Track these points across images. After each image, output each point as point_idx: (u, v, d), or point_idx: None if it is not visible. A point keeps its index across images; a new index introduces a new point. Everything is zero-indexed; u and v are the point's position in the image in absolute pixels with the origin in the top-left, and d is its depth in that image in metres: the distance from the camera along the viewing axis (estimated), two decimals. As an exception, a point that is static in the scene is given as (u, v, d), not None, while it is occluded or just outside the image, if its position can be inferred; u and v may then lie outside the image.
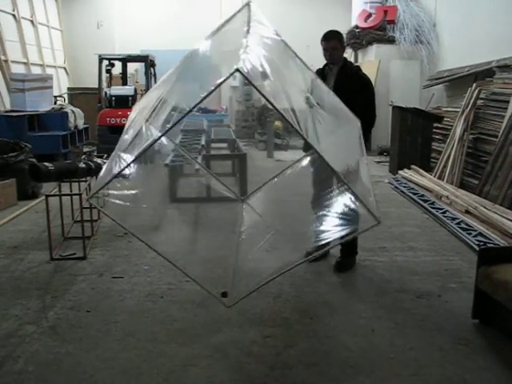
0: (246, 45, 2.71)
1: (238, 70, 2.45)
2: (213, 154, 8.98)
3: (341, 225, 3.65)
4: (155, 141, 2.84)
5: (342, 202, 3.57)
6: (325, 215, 3.93)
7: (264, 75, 2.90)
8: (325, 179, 4.16)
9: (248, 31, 2.92)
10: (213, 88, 2.63)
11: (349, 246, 4.61)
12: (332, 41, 4.30)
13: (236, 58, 2.57)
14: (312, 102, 3.31)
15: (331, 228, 3.80)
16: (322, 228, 3.66)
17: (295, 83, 3.43)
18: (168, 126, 3.01)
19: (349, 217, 3.68)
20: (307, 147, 4.52)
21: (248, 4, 3.35)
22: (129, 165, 2.80)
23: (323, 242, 3.36)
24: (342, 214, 3.76)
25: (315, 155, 4.25)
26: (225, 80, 2.54)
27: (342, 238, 3.31)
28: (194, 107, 2.67)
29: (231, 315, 3.63)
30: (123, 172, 2.81)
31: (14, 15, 11.79)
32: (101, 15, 15.42)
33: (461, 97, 8.76)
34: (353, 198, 2.96)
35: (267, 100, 2.60)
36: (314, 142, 2.91)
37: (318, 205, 4.04)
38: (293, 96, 3.12)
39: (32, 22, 12.82)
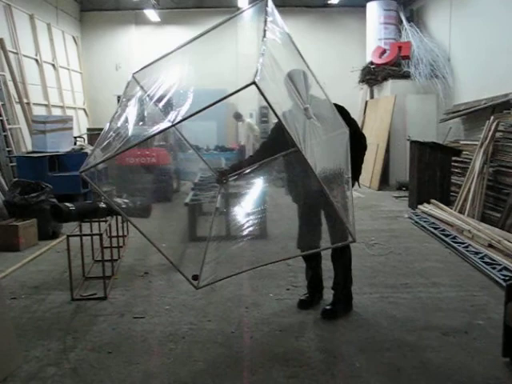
0: (262, 53, 2.69)
1: (254, 83, 2.45)
2: (231, 191, 8.97)
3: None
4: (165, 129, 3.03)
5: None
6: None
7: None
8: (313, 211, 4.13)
9: (264, 35, 2.87)
10: (226, 95, 2.65)
11: (341, 291, 4.38)
12: None
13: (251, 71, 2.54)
14: (310, 114, 3.26)
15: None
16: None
17: (299, 93, 3.41)
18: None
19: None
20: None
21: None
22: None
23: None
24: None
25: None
26: (240, 90, 2.54)
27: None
28: (207, 107, 2.68)
29: (254, 355, 3.58)
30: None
31: (36, 60, 12.15)
32: (119, 57, 15.75)
33: (478, 130, 8.74)
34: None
35: (277, 117, 2.64)
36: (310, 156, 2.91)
37: (305, 243, 4.10)
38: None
39: (53, 65, 13.18)
